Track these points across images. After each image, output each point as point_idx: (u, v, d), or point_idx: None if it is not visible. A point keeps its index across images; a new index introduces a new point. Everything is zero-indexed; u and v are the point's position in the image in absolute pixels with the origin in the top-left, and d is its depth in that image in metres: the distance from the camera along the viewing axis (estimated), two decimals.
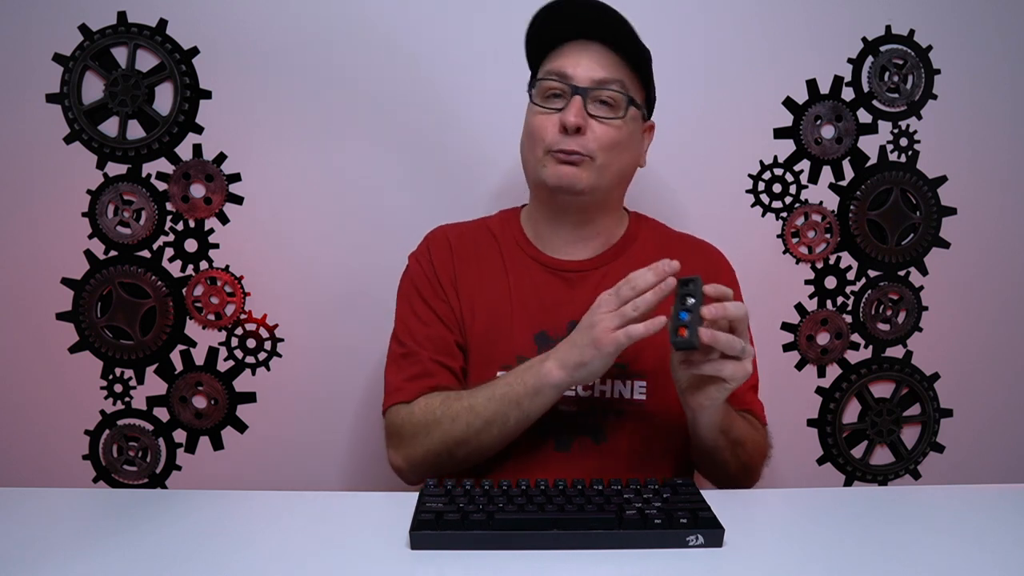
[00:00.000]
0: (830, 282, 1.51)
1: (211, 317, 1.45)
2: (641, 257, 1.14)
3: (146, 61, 1.41)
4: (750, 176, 1.47)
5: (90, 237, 1.43)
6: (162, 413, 1.47)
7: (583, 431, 1.07)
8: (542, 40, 1.12)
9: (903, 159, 1.49)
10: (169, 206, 1.43)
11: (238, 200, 1.44)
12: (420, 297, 1.13)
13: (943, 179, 1.50)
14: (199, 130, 1.42)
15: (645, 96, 1.14)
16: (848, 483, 1.55)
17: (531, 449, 1.06)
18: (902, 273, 1.51)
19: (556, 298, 1.11)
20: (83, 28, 1.39)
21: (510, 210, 1.23)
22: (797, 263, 1.50)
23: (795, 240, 1.49)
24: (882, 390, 1.55)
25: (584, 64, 1.07)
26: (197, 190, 1.43)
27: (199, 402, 1.47)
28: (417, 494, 0.86)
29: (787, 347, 1.51)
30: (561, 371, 0.96)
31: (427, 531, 0.77)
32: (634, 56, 1.08)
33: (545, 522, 0.78)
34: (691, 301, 0.87)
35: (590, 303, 1.06)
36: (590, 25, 1.07)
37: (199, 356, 1.46)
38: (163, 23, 1.40)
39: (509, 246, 1.16)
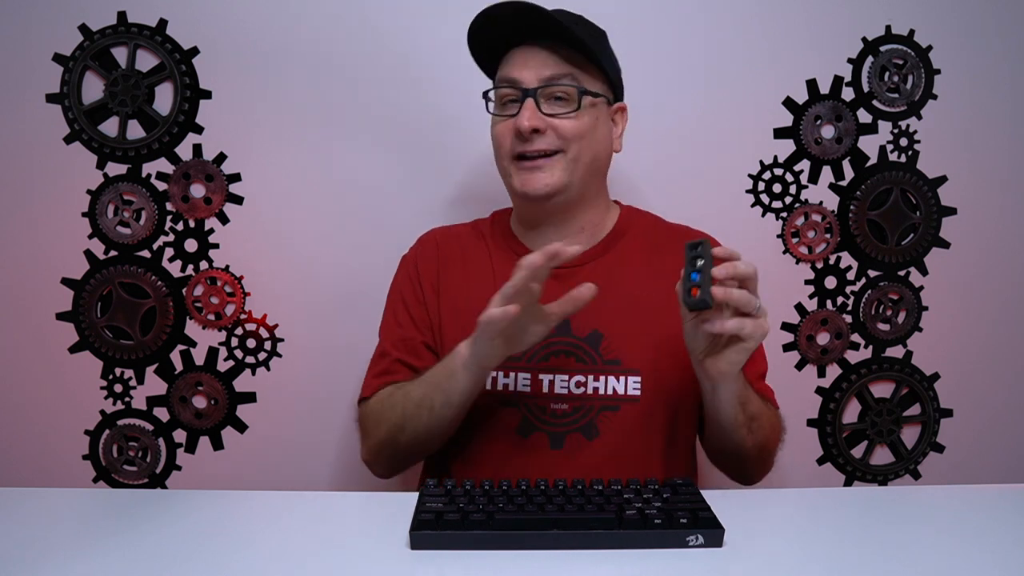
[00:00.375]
0: (830, 282, 1.51)
1: (211, 317, 1.45)
2: (631, 252, 1.15)
3: (146, 61, 1.41)
4: (750, 176, 1.47)
5: (90, 237, 1.43)
6: (162, 413, 1.47)
7: (576, 428, 1.07)
8: (490, 50, 1.13)
9: (903, 159, 1.49)
10: (169, 206, 1.43)
11: (238, 200, 1.44)
12: (400, 299, 1.17)
13: (943, 179, 1.50)
14: (199, 130, 1.42)
15: (606, 81, 1.12)
16: (848, 483, 1.55)
17: (524, 446, 1.06)
18: (902, 273, 1.51)
19: (544, 296, 1.10)
20: (83, 28, 1.39)
21: (504, 210, 1.24)
22: (797, 263, 1.50)
23: (795, 240, 1.49)
24: (882, 390, 1.55)
25: (531, 66, 1.07)
26: (197, 190, 1.43)
27: (199, 402, 1.47)
28: (417, 494, 0.86)
29: (787, 347, 1.51)
30: (466, 350, 0.97)
31: (427, 531, 0.77)
32: (581, 48, 1.08)
33: (545, 522, 0.78)
34: (701, 263, 0.86)
35: None
36: (528, 29, 1.07)
37: (199, 356, 1.46)
38: (163, 23, 1.40)
39: (498, 245, 1.17)
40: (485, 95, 1.13)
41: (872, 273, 1.51)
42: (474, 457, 1.08)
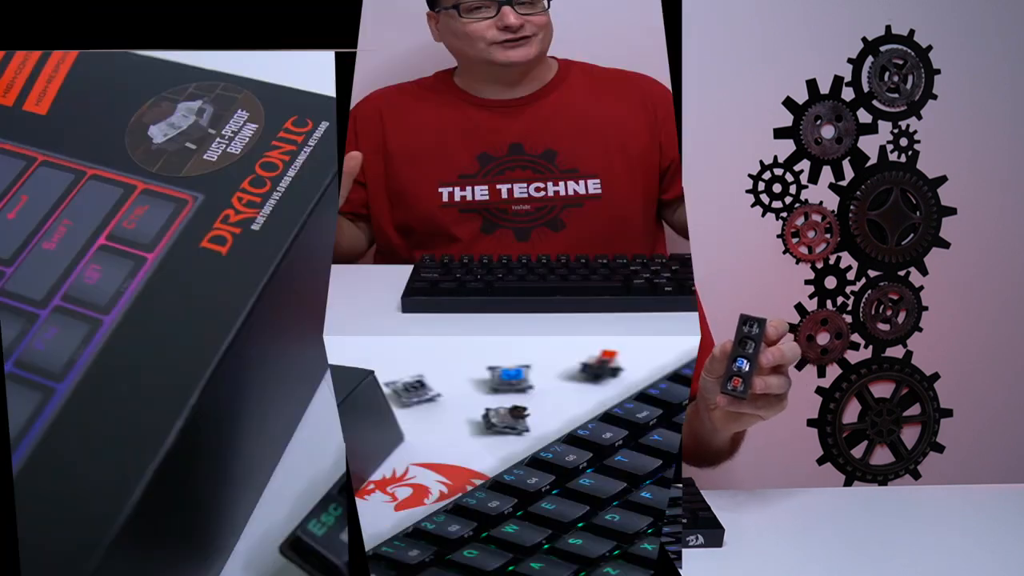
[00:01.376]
0: (830, 282, 1.51)
1: None
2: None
3: None
4: (750, 176, 1.47)
5: None
6: None
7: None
8: None
9: (903, 159, 1.49)
10: None
11: None
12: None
13: (943, 179, 1.50)
14: None
15: None
16: (848, 483, 1.55)
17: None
18: (902, 273, 1.51)
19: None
20: None
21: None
22: (797, 263, 1.49)
23: (795, 240, 1.49)
24: (882, 390, 1.55)
25: None
26: None
27: None
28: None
29: None
30: None
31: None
32: None
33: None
34: (751, 348, 0.82)
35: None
36: None
37: None
38: None
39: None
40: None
41: (872, 273, 1.51)
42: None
